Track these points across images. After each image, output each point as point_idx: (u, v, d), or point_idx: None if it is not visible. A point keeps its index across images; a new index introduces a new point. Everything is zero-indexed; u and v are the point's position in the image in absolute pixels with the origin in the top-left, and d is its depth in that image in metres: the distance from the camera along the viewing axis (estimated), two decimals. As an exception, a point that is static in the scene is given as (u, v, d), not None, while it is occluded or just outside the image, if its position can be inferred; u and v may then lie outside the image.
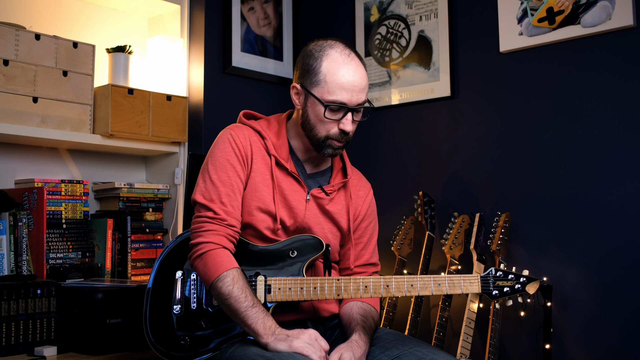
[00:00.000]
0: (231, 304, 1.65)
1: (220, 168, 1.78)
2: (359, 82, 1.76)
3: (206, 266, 1.69)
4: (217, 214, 1.74)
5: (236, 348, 1.68)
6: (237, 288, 1.66)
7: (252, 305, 1.65)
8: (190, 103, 2.84)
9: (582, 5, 2.43)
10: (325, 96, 1.75)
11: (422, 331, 2.71)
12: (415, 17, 2.91)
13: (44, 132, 2.34)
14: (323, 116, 1.76)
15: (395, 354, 1.70)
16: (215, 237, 1.72)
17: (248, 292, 1.66)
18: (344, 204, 1.92)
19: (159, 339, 1.76)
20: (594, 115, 2.42)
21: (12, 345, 2.06)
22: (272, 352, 1.60)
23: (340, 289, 1.72)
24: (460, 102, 2.77)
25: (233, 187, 1.77)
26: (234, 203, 1.77)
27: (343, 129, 1.78)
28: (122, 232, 2.55)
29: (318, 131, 1.80)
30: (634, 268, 2.31)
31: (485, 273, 1.69)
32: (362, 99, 1.78)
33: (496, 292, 1.67)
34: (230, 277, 1.66)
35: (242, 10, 2.97)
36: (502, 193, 2.63)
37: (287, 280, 1.74)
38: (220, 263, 1.68)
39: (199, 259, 1.71)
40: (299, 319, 1.83)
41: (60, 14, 2.68)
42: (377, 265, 2.00)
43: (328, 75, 1.75)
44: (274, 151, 1.83)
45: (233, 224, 1.75)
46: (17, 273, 2.27)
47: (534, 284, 1.67)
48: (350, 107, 1.76)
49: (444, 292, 1.67)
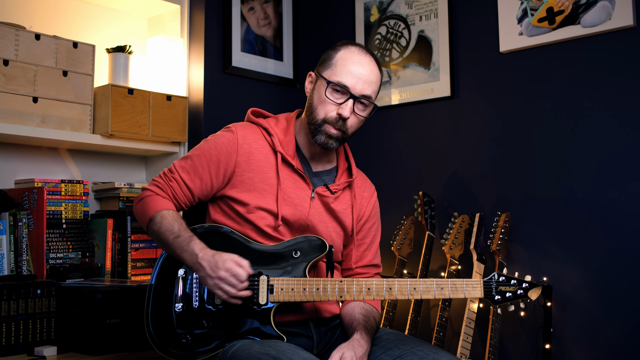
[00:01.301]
0: (161, 239, 1.77)
1: (204, 156, 1.85)
2: (367, 73, 1.82)
3: (143, 209, 1.82)
4: (172, 183, 1.84)
5: (239, 347, 1.67)
6: (165, 223, 1.76)
7: (177, 236, 1.73)
8: (190, 103, 2.84)
9: (582, 5, 2.43)
10: (332, 77, 1.81)
11: (422, 331, 2.71)
12: (415, 17, 2.91)
13: (44, 132, 2.34)
14: (324, 95, 1.81)
15: (397, 354, 1.71)
16: (160, 190, 1.84)
17: (176, 226, 1.75)
18: (348, 204, 1.93)
19: (161, 337, 1.76)
20: (594, 115, 2.42)
21: (12, 345, 2.06)
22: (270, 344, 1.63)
23: (343, 290, 1.72)
24: (460, 102, 2.78)
25: (202, 181, 1.84)
26: (190, 192, 1.85)
27: (341, 114, 1.80)
28: (122, 232, 2.55)
29: (317, 113, 1.83)
30: (634, 268, 2.31)
31: (488, 278, 1.68)
32: (367, 92, 1.82)
33: (498, 297, 1.66)
34: (159, 216, 1.77)
35: (242, 10, 2.97)
36: (502, 193, 2.63)
37: (290, 280, 1.74)
38: (153, 206, 1.79)
39: (138, 203, 1.85)
40: (301, 319, 1.83)
41: (60, 14, 2.68)
42: (379, 267, 2.01)
43: (340, 60, 1.83)
44: (280, 148, 1.85)
45: (179, 198, 1.84)
46: (17, 273, 2.27)
47: (536, 290, 1.66)
48: (352, 94, 1.79)
49: (446, 296, 1.67)
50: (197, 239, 1.74)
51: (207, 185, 1.84)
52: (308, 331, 1.84)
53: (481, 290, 1.67)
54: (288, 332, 1.77)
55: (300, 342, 1.80)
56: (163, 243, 1.78)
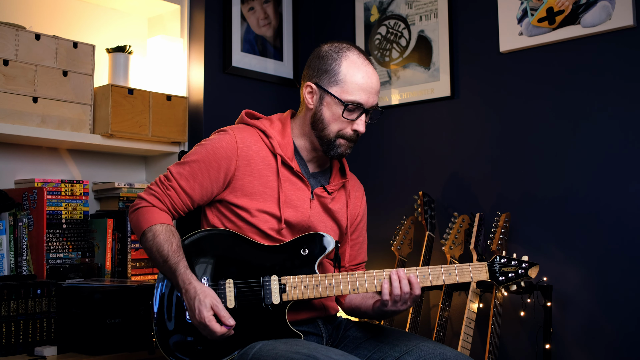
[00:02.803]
0: (151, 257, 1.76)
1: (203, 162, 1.81)
2: (375, 84, 1.84)
3: (137, 220, 1.79)
4: (169, 191, 1.80)
5: (260, 347, 1.65)
6: (156, 243, 1.73)
7: (165, 261, 1.71)
8: (190, 103, 2.84)
9: (582, 5, 2.43)
10: (345, 96, 1.80)
11: (422, 331, 2.71)
12: (415, 17, 2.91)
13: (44, 132, 2.34)
14: (341, 115, 1.81)
15: (404, 350, 1.73)
16: (156, 201, 1.80)
17: (165, 247, 1.72)
18: (343, 203, 1.95)
19: (175, 345, 1.72)
20: (594, 115, 2.42)
21: (12, 345, 2.06)
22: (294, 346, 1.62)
23: (355, 283, 1.74)
24: (460, 102, 2.78)
25: (202, 187, 1.81)
26: (190, 199, 1.82)
27: (357, 129, 1.83)
28: (122, 232, 2.55)
29: (330, 130, 1.83)
30: (634, 268, 2.31)
31: (491, 260, 1.77)
32: (376, 102, 1.85)
33: (502, 278, 1.75)
34: (151, 232, 1.75)
35: (242, 10, 2.97)
36: (502, 193, 2.63)
37: (301, 278, 1.74)
38: (147, 219, 1.77)
39: (133, 212, 1.82)
40: (311, 317, 1.84)
41: (60, 14, 2.68)
42: (365, 262, 2.07)
43: (348, 75, 1.81)
44: (279, 150, 1.84)
45: (177, 207, 1.81)
46: (17, 273, 2.27)
47: (534, 268, 1.76)
48: (365, 108, 1.82)
49: (455, 280, 1.73)
50: (182, 267, 1.71)
51: (207, 192, 1.82)
52: (317, 329, 1.85)
53: (486, 272, 1.75)
54: (299, 331, 1.76)
55: (311, 340, 1.80)
56: (154, 262, 1.78)
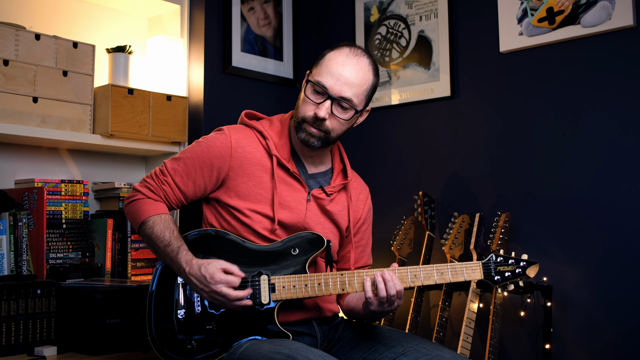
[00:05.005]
0: (152, 244, 1.78)
1: (197, 160, 1.83)
2: (347, 74, 1.79)
3: (135, 211, 1.81)
4: (164, 186, 1.83)
5: (247, 347, 1.66)
6: (157, 230, 1.76)
7: (166, 245, 1.74)
8: (190, 103, 2.84)
9: (582, 5, 2.43)
10: (314, 76, 1.82)
11: (422, 331, 2.71)
12: (415, 17, 2.91)
13: (44, 132, 2.34)
14: (304, 93, 1.82)
15: (400, 351, 1.72)
16: (152, 194, 1.82)
17: (167, 233, 1.75)
18: (344, 205, 1.93)
19: (166, 344, 1.74)
20: (594, 115, 2.42)
21: (12, 345, 2.06)
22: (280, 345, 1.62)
23: (344, 283, 1.73)
24: (460, 102, 2.78)
25: (196, 185, 1.83)
26: (183, 195, 1.84)
27: (317, 113, 1.79)
28: (122, 232, 2.55)
29: (299, 111, 1.85)
30: (634, 268, 2.31)
31: (486, 259, 1.72)
32: (346, 94, 1.79)
33: (498, 278, 1.71)
34: (151, 220, 1.78)
35: (242, 10, 2.97)
36: (502, 193, 2.63)
37: (290, 278, 1.74)
38: (146, 210, 1.79)
39: (129, 204, 1.84)
40: (305, 318, 1.84)
41: (60, 14, 2.68)
42: (369, 265, 2.05)
43: (326, 60, 1.83)
44: (275, 151, 1.84)
45: (171, 201, 1.84)
46: (17, 273, 2.27)
47: (534, 267, 1.71)
48: (330, 95, 1.78)
49: (447, 280, 1.70)
50: (184, 249, 1.74)
51: (200, 189, 1.85)
52: (312, 330, 1.84)
53: (480, 271, 1.71)
54: (292, 332, 1.77)
55: (304, 341, 1.80)
56: (154, 249, 1.79)
